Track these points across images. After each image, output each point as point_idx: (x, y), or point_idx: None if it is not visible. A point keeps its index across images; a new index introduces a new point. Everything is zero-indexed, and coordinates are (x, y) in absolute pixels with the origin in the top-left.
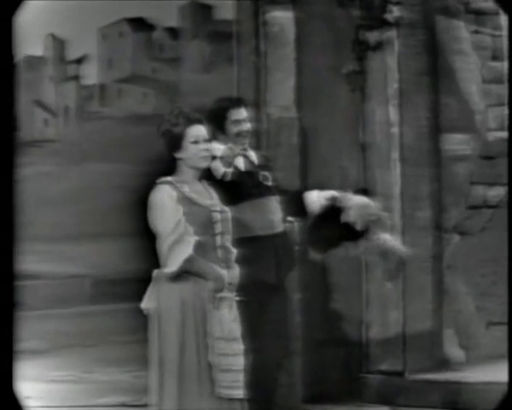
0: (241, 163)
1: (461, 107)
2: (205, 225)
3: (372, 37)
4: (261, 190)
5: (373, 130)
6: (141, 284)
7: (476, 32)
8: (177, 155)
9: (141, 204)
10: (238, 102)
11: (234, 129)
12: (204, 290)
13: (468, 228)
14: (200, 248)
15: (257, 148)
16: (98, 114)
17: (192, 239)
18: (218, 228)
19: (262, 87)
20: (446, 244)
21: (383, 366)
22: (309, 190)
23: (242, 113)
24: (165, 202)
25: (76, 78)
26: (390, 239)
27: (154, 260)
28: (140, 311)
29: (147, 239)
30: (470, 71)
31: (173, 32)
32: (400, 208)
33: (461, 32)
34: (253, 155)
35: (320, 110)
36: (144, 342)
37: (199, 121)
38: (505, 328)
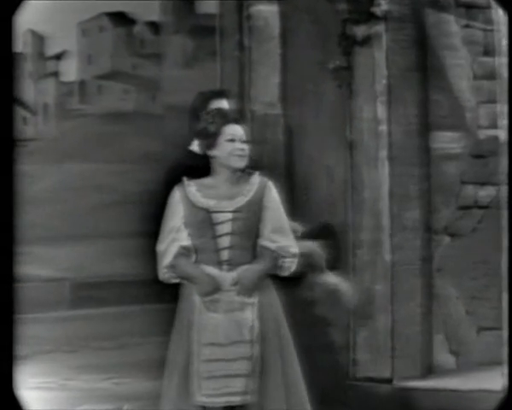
0: None
1: (451, 104)
2: (202, 227)
3: (359, 31)
4: None
5: (360, 127)
6: (122, 287)
7: (467, 26)
8: (212, 153)
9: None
10: (220, 94)
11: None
12: (193, 294)
13: (458, 229)
14: (197, 250)
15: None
16: (78, 112)
17: (178, 245)
18: (224, 229)
19: (246, 83)
20: (436, 246)
21: (371, 373)
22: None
23: (224, 104)
24: (169, 206)
25: (55, 74)
26: (339, 282)
27: (135, 262)
28: (120, 316)
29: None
30: (461, 66)
31: (154, 27)
32: (388, 209)
33: (451, 27)
34: None
35: (306, 107)
36: (125, 347)
37: (236, 121)
38: (497, 333)
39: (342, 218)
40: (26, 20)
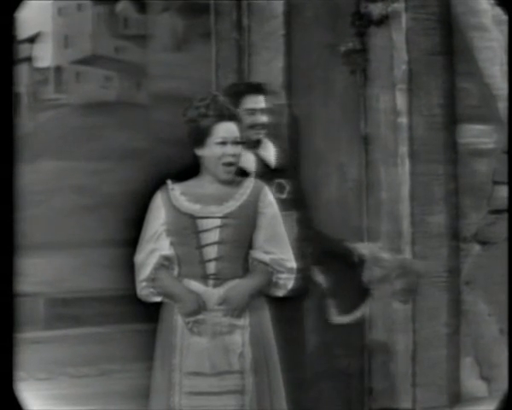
0: (251, 162)
1: (481, 92)
2: (185, 235)
3: (376, 9)
4: None
5: (377, 119)
6: (103, 303)
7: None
8: (198, 153)
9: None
10: (257, 89)
11: (247, 119)
12: (175, 314)
13: (490, 236)
14: (180, 262)
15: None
16: (53, 102)
17: (158, 255)
18: (210, 237)
19: (245, 69)
20: (465, 256)
21: (389, 403)
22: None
23: (260, 101)
24: (149, 212)
25: (28, 59)
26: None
27: (118, 275)
28: (101, 336)
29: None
30: (491, 49)
31: (140, 4)
32: (410, 213)
33: (480, 4)
34: (269, 155)
35: (314, 96)
36: (106, 374)
37: (232, 118)
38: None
39: (356, 223)
40: None
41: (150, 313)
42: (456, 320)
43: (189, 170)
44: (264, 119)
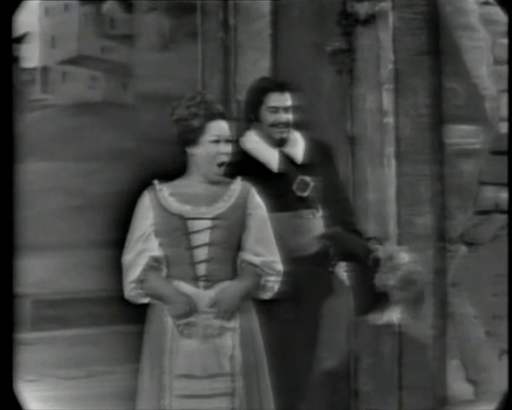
0: (274, 160)
1: (468, 92)
2: (175, 236)
3: (362, 8)
4: (289, 202)
5: (363, 120)
6: (91, 305)
7: (486, 3)
8: (190, 151)
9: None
10: (281, 86)
11: (270, 117)
12: (165, 316)
13: (476, 237)
14: (169, 263)
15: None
16: (40, 102)
17: (147, 256)
18: (201, 239)
19: (231, 69)
20: (451, 257)
21: (375, 406)
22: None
23: (284, 99)
24: (136, 212)
25: (15, 60)
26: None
27: (106, 276)
28: (90, 338)
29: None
30: (479, 49)
31: (126, 4)
32: (396, 214)
33: (467, 4)
34: (296, 151)
35: (300, 96)
36: (94, 376)
37: (222, 116)
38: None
39: None
40: None
41: (138, 315)
42: (442, 322)
43: (175, 170)
44: (287, 117)
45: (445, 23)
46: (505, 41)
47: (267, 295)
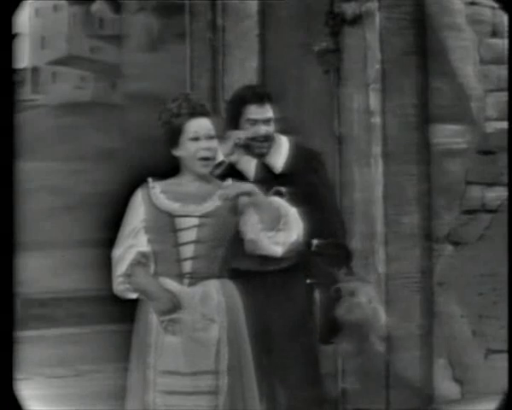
0: (251, 168)
1: (454, 92)
2: (163, 233)
3: (349, 8)
4: None
5: (350, 119)
6: (79, 304)
7: (472, 3)
8: (175, 153)
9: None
10: (260, 98)
11: (249, 130)
12: (150, 312)
13: (463, 237)
14: (156, 260)
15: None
16: (30, 103)
17: (135, 251)
18: (188, 236)
19: (219, 69)
20: (437, 256)
21: (362, 405)
22: None
23: (263, 111)
24: (129, 209)
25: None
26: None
27: (94, 275)
28: (77, 337)
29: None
30: (465, 49)
31: (115, 5)
32: (383, 213)
33: (454, 4)
34: (276, 160)
35: (287, 95)
36: (82, 375)
37: (203, 113)
38: (508, 357)
39: None
40: None
41: (126, 314)
42: (428, 321)
43: (164, 170)
44: (267, 129)
45: (431, 23)
46: (492, 41)
47: (279, 250)
